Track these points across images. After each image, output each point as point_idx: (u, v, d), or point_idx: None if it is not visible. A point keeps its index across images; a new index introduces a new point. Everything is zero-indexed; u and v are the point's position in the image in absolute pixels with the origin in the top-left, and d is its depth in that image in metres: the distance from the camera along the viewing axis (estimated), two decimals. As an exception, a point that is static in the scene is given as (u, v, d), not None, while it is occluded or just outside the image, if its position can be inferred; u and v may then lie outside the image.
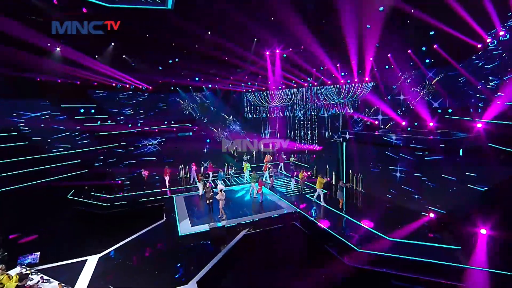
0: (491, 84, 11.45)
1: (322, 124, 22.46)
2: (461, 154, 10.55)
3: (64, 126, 17.59)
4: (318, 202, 13.42)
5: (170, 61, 18.54)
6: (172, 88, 22.32)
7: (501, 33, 11.15)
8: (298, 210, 12.83)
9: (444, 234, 9.98)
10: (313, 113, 23.04)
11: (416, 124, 14.84)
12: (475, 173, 10.02)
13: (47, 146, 16.73)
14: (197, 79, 21.66)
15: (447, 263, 8.28)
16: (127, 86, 19.96)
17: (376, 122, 16.91)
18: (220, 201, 12.44)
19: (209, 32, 17.29)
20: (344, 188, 12.94)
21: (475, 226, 9.47)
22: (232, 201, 14.34)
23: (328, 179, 15.92)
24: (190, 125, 22.79)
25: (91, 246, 10.64)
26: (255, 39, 17.85)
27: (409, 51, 14.82)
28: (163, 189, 17.01)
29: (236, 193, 15.86)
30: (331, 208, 12.91)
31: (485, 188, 9.54)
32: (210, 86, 22.80)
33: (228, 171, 19.36)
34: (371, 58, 16.58)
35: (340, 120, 21.31)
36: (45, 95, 16.75)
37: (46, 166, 16.13)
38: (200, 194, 15.52)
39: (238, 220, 12.16)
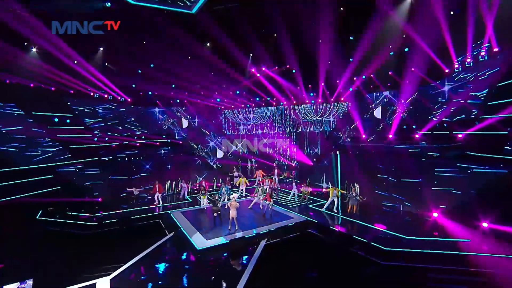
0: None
1: (302, 140, 23.09)
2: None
3: (36, 136, 15.15)
4: (325, 211, 13.57)
5: (152, 65, 17.63)
6: (150, 101, 20.97)
7: (468, 60, 12.91)
8: (310, 219, 12.71)
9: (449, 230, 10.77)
10: (291, 130, 23.63)
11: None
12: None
13: (16, 158, 14.08)
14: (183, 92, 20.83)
15: (469, 253, 8.93)
16: (106, 96, 18.23)
17: (364, 136, 18.07)
18: (232, 211, 11.70)
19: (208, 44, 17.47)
20: (357, 196, 13.26)
21: (477, 221, 10.43)
22: (238, 213, 13.59)
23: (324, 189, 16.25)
24: (169, 141, 21.39)
25: (91, 268, 9.04)
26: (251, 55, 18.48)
27: (389, 72, 16.44)
28: (152, 206, 15.53)
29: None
30: (343, 216, 13.10)
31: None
32: (189, 101, 22.03)
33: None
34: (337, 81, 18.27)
35: (318, 136, 22.24)
36: (16, 100, 14.34)
37: (12, 182, 13.47)
38: (204, 207, 14.54)
39: (253, 231, 11.55)
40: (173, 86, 19.91)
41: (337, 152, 16.71)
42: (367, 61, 16.13)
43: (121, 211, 14.47)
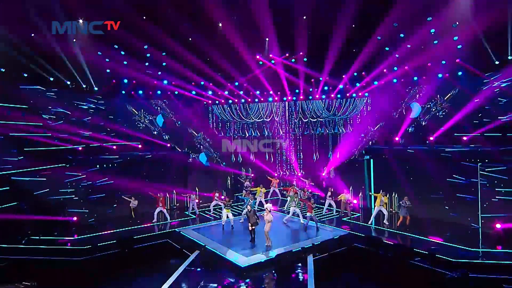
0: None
1: (310, 144, 24.75)
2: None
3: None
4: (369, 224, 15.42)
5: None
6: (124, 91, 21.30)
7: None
8: (353, 232, 14.40)
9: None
10: (297, 131, 25.23)
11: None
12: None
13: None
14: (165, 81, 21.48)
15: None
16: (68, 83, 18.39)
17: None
18: (266, 225, 12.96)
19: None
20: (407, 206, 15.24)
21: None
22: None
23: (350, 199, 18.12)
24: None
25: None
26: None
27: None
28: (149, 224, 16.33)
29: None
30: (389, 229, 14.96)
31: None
32: (176, 92, 22.69)
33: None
34: None
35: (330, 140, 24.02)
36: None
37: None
38: (223, 222, 15.65)
39: (296, 246, 13.01)
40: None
41: (369, 157, 18.64)
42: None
43: (115, 230, 14.93)
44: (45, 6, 14.74)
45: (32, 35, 16.23)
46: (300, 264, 11.89)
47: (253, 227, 13.53)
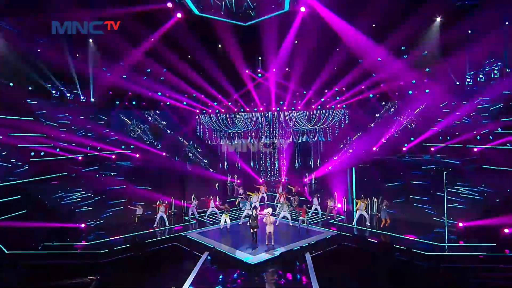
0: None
1: (292, 152, 27.05)
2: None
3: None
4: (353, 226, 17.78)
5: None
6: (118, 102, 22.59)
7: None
8: (342, 232, 16.73)
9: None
10: (281, 141, 27.41)
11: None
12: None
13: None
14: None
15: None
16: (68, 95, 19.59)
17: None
18: (268, 226, 14.99)
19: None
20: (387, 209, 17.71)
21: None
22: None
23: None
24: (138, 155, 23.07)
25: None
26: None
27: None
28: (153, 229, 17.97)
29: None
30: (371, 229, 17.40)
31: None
32: (168, 103, 24.17)
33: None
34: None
35: (311, 148, 26.47)
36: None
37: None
38: (221, 227, 17.66)
39: (295, 245, 15.18)
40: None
41: (352, 166, 21.16)
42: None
43: (128, 235, 16.56)
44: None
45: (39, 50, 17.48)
46: (300, 261, 14.02)
47: (255, 230, 15.47)
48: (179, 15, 17.31)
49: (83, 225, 17.41)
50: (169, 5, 16.05)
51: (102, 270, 13.54)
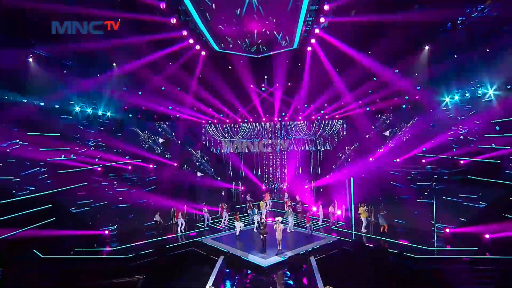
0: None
1: (294, 160, 29.06)
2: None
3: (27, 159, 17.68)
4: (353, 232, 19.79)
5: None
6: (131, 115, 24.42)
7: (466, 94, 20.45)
8: (343, 238, 18.75)
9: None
10: (282, 149, 29.42)
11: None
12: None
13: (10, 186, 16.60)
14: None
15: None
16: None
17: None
18: (278, 233, 16.97)
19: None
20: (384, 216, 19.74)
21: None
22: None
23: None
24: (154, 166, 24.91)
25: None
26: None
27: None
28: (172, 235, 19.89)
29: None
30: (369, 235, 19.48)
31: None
32: (178, 116, 26.03)
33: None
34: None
35: (311, 156, 28.49)
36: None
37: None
38: (237, 234, 19.48)
39: (300, 249, 17.21)
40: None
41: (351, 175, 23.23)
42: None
43: (150, 240, 18.55)
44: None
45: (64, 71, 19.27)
46: (306, 263, 16.02)
47: (265, 236, 17.43)
48: (203, 53, 19.54)
49: (106, 232, 19.31)
50: (184, 33, 17.54)
51: (149, 271, 15.55)
